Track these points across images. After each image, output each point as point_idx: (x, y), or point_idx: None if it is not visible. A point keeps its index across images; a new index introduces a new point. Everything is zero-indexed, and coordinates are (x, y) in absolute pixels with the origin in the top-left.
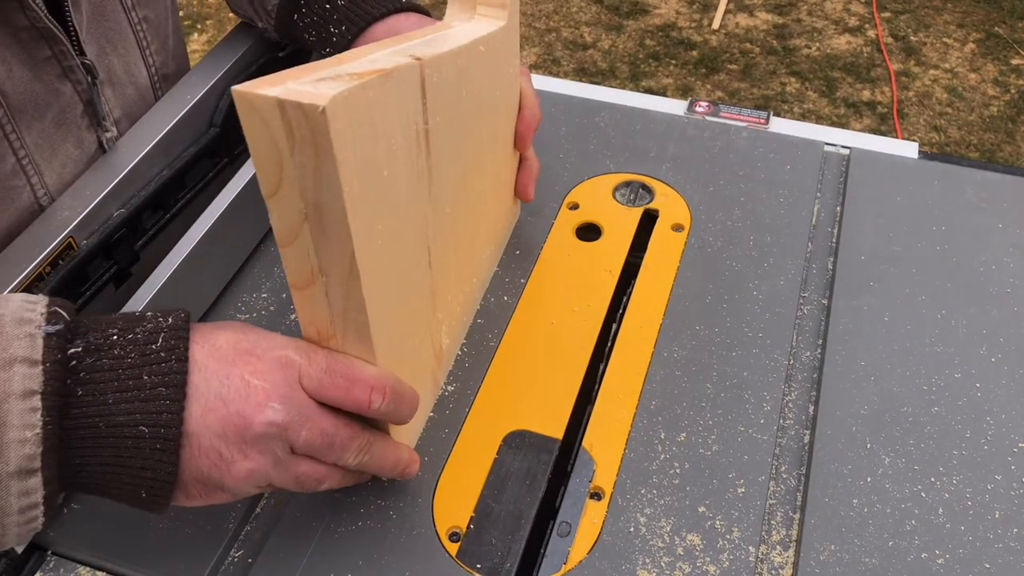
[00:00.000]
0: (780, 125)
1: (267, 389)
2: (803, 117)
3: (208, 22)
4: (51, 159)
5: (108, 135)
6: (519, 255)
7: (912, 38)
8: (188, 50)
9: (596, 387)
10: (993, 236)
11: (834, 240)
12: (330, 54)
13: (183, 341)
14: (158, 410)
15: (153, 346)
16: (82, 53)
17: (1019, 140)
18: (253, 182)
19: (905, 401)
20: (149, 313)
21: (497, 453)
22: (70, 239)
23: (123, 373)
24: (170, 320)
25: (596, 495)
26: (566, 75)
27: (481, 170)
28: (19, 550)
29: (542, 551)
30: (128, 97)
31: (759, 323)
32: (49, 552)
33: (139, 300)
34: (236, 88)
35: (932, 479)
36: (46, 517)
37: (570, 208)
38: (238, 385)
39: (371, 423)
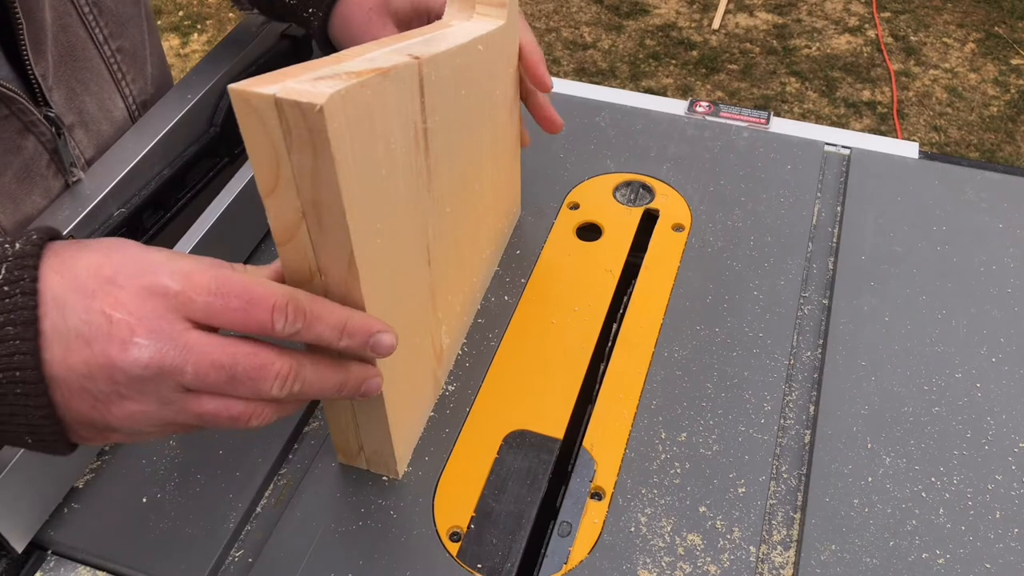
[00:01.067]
0: (780, 125)
1: (131, 323)
2: (803, 117)
3: (208, 22)
4: (14, 212)
5: (75, 179)
6: (519, 255)
7: (912, 38)
8: (188, 50)
9: (597, 387)
10: (993, 236)
11: (834, 240)
12: (313, 14)
13: (29, 270)
14: (8, 352)
15: None
16: (46, 103)
17: (1019, 140)
18: (253, 182)
19: (906, 401)
20: (0, 239)
21: (498, 453)
22: (70, 239)
23: None
24: (17, 246)
25: (597, 495)
26: (566, 75)
27: (481, 169)
28: (19, 549)
29: (543, 551)
30: (103, 135)
31: (759, 323)
32: (49, 552)
33: None
34: (233, 86)
35: (933, 479)
36: None
37: (570, 208)
38: (99, 321)
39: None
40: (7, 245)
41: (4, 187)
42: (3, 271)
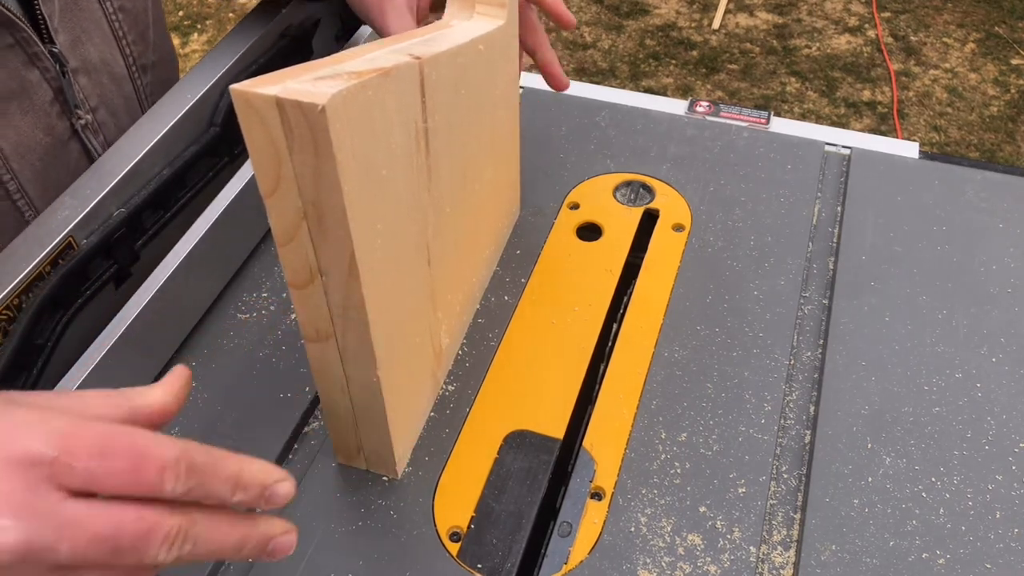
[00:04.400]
0: (780, 125)
1: None
2: (803, 117)
3: (208, 22)
4: (17, 145)
5: (82, 122)
6: (519, 255)
7: (912, 38)
8: (188, 50)
9: (597, 387)
10: (993, 236)
11: (834, 240)
12: None
13: None
14: None
15: None
16: (51, 40)
17: (1019, 140)
18: (253, 182)
19: (906, 401)
20: None
21: (498, 453)
22: (70, 238)
23: None
24: None
25: (597, 495)
26: (566, 75)
27: (481, 169)
28: None
29: (543, 551)
30: (104, 85)
31: (760, 323)
32: None
33: (139, 300)
34: (234, 87)
35: (933, 479)
36: None
37: (570, 208)
38: None
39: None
40: None
41: (8, 116)
42: None
